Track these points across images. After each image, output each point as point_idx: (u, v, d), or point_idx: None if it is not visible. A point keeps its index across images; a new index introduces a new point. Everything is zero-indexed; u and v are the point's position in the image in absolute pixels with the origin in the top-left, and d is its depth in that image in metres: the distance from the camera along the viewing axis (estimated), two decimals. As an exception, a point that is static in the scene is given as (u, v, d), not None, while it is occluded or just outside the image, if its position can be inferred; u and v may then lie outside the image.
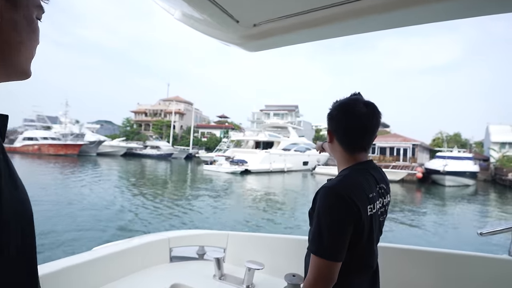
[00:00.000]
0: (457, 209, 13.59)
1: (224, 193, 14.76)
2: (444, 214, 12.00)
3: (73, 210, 8.74)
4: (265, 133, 30.68)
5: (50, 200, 9.81)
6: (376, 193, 0.88)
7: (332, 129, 0.95)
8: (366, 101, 0.90)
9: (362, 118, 0.88)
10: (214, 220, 8.55)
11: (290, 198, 14.19)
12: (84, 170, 21.21)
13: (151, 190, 13.25)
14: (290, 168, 30.52)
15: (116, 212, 8.71)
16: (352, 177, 0.86)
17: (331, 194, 0.80)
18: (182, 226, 7.76)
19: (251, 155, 27.62)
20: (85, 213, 8.44)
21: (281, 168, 29.22)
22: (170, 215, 8.93)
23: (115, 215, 8.47)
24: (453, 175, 22.01)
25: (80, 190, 12.26)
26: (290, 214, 10.20)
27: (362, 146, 0.93)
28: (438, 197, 18.00)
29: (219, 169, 25.61)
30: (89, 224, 7.42)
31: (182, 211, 9.44)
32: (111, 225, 7.42)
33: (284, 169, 29.42)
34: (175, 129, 60.07)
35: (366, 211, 0.81)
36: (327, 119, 0.96)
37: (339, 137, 0.93)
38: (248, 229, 7.82)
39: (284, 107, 63.10)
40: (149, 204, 10.16)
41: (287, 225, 8.40)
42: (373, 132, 0.91)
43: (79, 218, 7.81)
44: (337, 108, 0.92)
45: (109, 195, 11.44)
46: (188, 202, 11.15)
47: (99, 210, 8.92)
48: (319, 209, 0.80)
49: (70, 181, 15.16)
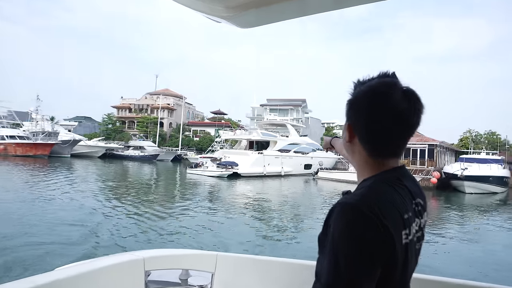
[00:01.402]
0: (478, 220, 13.37)
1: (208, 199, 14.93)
2: (461, 229, 11.68)
3: (35, 221, 8.55)
4: (258, 131, 30.82)
5: (7, 210, 9.76)
6: (412, 212, 0.75)
7: (352, 123, 0.79)
8: (405, 87, 0.75)
9: (399, 112, 0.73)
10: (198, 236, 8.45)
11: (287, 207, 14.21)
12: (54, 173, 21.61)
13: (128, 199, 13.39)
14: (289, 172, 30.64)
15: (85, 225, 8.75)
16: (379, 190, 0.73)
17: (353, 214, 0.66)
18: (162, 243, 7.68)
19: (242, 156, 27.83)
20: (48, 225, 8.35)
21: (278, 172, 29.37)
22: (149, 229, 8.81)
23: (84, 228, 8.41)
24: (474, 180, 21.85)
25: (47, 198, 12.32)
26: (284, 227, 10.09)
27: (394, 150, 0.78)
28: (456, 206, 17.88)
29: (203, 173, 25.88)
30: (53, 237, 7.33)
31: (163, 224, 9.42)
32: (80, 239, 7.44)
33: (281, 173, 29.55)
34: (163, 127, 60.66)
35: (400, 239, 0.69)
36: (346, 108, 0.80)
37: (363, 135, 0.78)
38: (244, 246, 7.70)
39: (289, 101, 63.18)
40: (124, 215, 10.23)
41: (286, 245, 8.13)
42: (412, 132, 0.76)
43: (41, 231, 7.71)
44: (363, 94, 0.76)
45: (80, 204, 11.54)
46: (172, 213, 11.19)
47: (66, 221, 8.90)
48: (336, 233, 0.66)
49: (36, 186, 15.20)
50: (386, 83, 0.75)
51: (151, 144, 49.35)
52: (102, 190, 15.79)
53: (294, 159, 31.69)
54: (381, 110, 0.74)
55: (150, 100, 63.99)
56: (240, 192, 19.12)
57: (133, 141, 49.58)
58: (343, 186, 25.28)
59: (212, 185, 21.01)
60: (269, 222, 10.66)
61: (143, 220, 9.66)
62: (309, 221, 11.50)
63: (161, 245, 7.44)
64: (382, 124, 0.74)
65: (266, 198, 16.41)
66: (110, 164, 35.18)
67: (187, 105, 71.14)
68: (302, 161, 32.90)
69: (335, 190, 22.38)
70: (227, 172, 25.52)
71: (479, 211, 16.46)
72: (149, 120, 58.54)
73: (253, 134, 31.02)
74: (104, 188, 16.79)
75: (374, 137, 0.76)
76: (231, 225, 9.99)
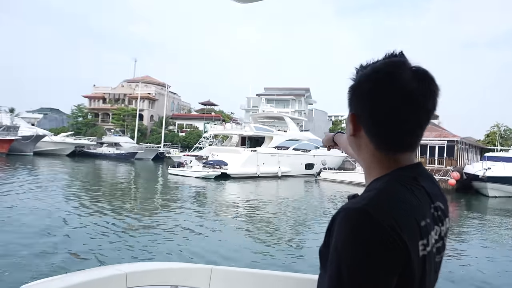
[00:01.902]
0: (502, 230, 13.34)
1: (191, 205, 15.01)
2: (481, 240, 11.60)
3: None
4: (251, 125, 30.93)
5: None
6: (430, 219, 0.73)
7: (357, 113, 0.78)
8: (416, 66, 0.74)
9: (409, 93, 0.71)
10: (181, 247, 8.48)
11: (284, 215, 14.23)
12: (13, 174, 21.63)
13: (102, 204, 13.43)
14: (287, 173, 30.84)
15: (54, 234, 8.72)
16: (391, 192, 0.70)
17: (358, 219, 0.64)
18: (146, 255, 7.68)
19: (232, 154, 27.96)
20: (10, 235, 8.31)
21: (274, 173, 29.55)
22: (127, 237, 8.79)
23: (52, 237, 8.40)
24: (498, 182, 22.09)
25: (5, 203, 12.30)
26: (280, 238, 10.11)
27: (408, 142, 0.76)
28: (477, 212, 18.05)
29: (187, 173, 25.98)
30: (16, 249, 7.30)
31: (141, 233, 9.46)
32: (48, 250, 7.40)
33: (278, 174, 29.71)
34: (143, 120, 60.72)
35: (417, 250, 0.66)
36: (348, 96, 0.80)
37: (369, 126, 0.76)
38: (234, 260, 7.70)
39: (289, 90, 63.33)
40: (98, 223, 10.24)
41: (284, 258, 8.14)
42: (426, 118, 0.74)
43: (1, 242, 7.71)
44: (366, 77, 0.75)
45: (46, 210, 11.51)
46: (151, 221, 11.23)
47: (31, 230, 8.88)
48: (338, 243, 0.65)
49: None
50: (392, 63, 0.74)
51: (129, 141, 49.36)
52: (72, 195, 15.82)
53: (293, 158, 31.85)
54: (388, 92, 0.72)
55: (127, 88, 63.96)
56: (228, 196, 19.24)
57: (107, 137, 49.54)
58: (349, 188, 25.45)
59: (196, 187, 21.10)
60: (263, 233, 10.72)
61: (120, 229, 9.75)
62: (309, 230, 11.61)
63: (142, 257, 7.48)
64: (391, 110, 0.72)
65: (259, 204, 16.50)
66: (80, 164, 35.14)
67: (171, 94, 71.08)
68: (302, 160, 33.07)
69: (339, 193, 22.56)
70: (215, 172, 25.63)
71: (503, 216, 16.63)
72: (126, 112, 58.52)
73: (246, 129, 31.10)
74: (73, 192, 16.82)
75: (382, 126, 0.74)
76: (219, 236, 10.07)
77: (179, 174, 26.52)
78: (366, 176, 0.82)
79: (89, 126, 59.48)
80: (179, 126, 64.11)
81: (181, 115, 66.82)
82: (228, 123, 34.00)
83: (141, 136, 56.87)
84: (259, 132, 30.94)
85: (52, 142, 43.15)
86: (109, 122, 60.39)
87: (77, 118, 61.51)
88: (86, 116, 61.85)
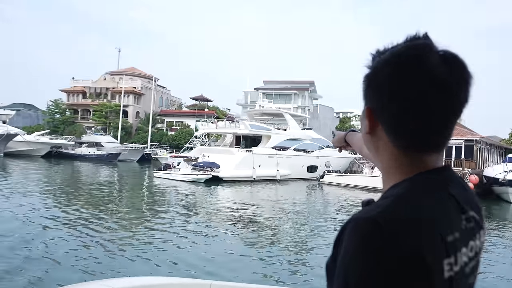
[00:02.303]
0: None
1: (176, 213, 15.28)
2: (503, 248, 11.77)
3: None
4: (246, 123, 31.23)
5: None
6: (461, 233, 0.69)
7: (373, 107, 0.75)
8: (444, 50, 0.70)
9: (438, 81, 0.67)
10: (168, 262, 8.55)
11: (283, 223, 14.41)
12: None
13: (78, 212, 13.59)
14: (287, 176, 31.16)
15: (28, 246, 8.81)
16: (412, 200, 0.67)
17: (369, 229, 0.62)
18: (130, 269, 7.81)
19: (225, 155, 28.26)
20: None
21: (272, 176, 29.84)
22: (114, 249, 8.94)
23: (27, 250, 8.50)
24: (521, 186, 22.30)
25: None
26: (280, 253, 10.11)
27: (435, 140, 0.72)
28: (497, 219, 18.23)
29: (173, 176, 26.27)
30: None
31: (127, 244, 9.65)
32: (21, 266, 7.53)
33: (277, 177, 30.00)
34: (128, 117, 61.18)
35: (440, 270, 0.63)
36: (363, 87, 0.76)
37: (388, 121, 0.73)
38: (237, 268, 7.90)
39: (292, 84, 63.66)
40: (76, 233, 10.40)
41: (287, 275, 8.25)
42: (457, 109, 0.70)
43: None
44: (384, 63, 0.72)
45: (19, 219, 11.70)
46: (137, 229, 11.45)
47: (3, 241, 9.06)
48: (346, 257, 0.63)
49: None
50: (416, 45, 0.70)
51: (111, 140, 49.77)
52: (48, 201, 16.04)
53: (293, 159, 32.16)
54: (410, 79, 0.67)
55: (110, 82, 64.46)
56: (219, 203, 19.42)
57: (87, 136, 49.98)
58: (356, 194, 25.70)
59: (183, 193, 21.38)
60: (258, 244, 10.86)
61: (100, 240, 9.99)
62: (311, 243, 11.62)
63: (127, 271, 7.65)
64: (414, 100, 0.68)
65: (253, 212, 16.70)
66: (56, 166, 35.48)
67: (160, 88, 71.60)
68: (304, 162, 33.38)
69: (345, 199, 22.82)
70: (205, 176, 25.93)
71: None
72: (109, 108, 59.04)
73: (240, 127, 31.41)
74: (45, 198, 16.99)
75: (403, 121, 0.70)
76: (208, 247, 10.24)
77: (164, 178, 26.80)
78: (384, 181, 0.78)
79: (67, 123, 59.95)
80: (168, 124, 64.53)
81: (171, 112, 67.21)
82: (220, 121, 34.26)
83: (125, 135, 57.32)
84: (254, 131, 31.24)
85: (25, 142, 43.50)
86: (90, 120, 60.90)
87: (54, 115, 61.87)
88: (64, 113, 62.36)
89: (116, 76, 64.97)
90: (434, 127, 0.69)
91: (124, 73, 64.36)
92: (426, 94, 0.67)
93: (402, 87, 0.68)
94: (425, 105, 0.67)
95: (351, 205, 21.57)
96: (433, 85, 0.66)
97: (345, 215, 17.31)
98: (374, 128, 0.75)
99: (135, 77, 65.83)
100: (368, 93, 0.74)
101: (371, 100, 0.74)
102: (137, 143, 53.29)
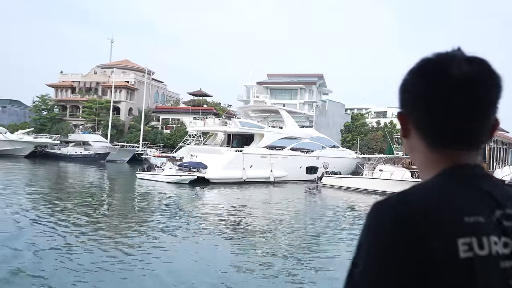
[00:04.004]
0: None
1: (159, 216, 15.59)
2: None
3: None
4: (235, 121, 31.49)
5: None
6: (488, 221, 0.73)
7: (404, 111, 0.86)
8: (470, 57, 0.79)
9: (459, 85, 0.77)
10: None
11: (270, 231, 14.24)
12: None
13: (49, 217, 13.90)
14: (283, 177, 31.51)
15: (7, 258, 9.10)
16: (432, 187, 0.77)
17: (380, 211, 0.73)
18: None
19: (214, 155, 28.56)
20: None
21: (265, 177, 30.13)
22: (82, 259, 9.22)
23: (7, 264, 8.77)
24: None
25: None
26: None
27: (463, 136, 0.80)
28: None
29: (156, 177, 26.69)
30: None
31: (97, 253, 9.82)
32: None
33: (270, 179, 30.22)
34: (120, 114, 61.79)
35: (453, 250, 0.68)
36: (398, 95, 0.88)
37: (415, 123, 0.84)
38: None
39: (298, 77, 63.71)
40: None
41: None
42: (485, 111, 0.79)
43: None
44: (411, 70, 0.84)
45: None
46: (107, 238, 11.51)
47: None
48: (359, 238, 0.74)
49: None
50: (443, 53, 0.81)
51: (100, 139, 50.41)
52: (27, 207, 16.22)
53: (290, 160, 32.39)
54: (432, 84, 0.79)
55: (101, 76, 65.14)
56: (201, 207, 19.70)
57: (74, 135, 50.64)
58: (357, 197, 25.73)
59: (166, 195, 21.87)
60: (240, 257, 10.77)
61: (69, 247, 10.33)
62: (300, 254, 11.27)
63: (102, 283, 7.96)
64: (435, 102, 0.79)
65: (236, 218, 16.80)
66: (39, 167, 36.35)
67: (156, 83, 72.19)
68: (302, 163, 33.60)
69: (344, 203, 22.84)
70: (189, 177, 26.34)
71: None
72: (99, 104, 59.56)
73: (230, 125, 31.66)
74: (15, 203, 17.04)
75: (427, 121, 0.81)
76: (188, 257, 10.40)
77: (147, 179, 27.25)
78: (421, 179, 0.88)
79: (55, 121, 60.63)
80: (164, 121, 65.07)
81: (166, 108, 67.73)
82: (209, 118, 34.56)
83: (117, 133, 57.84)
84: (245, 129, 31.54)
85: (7, 141, 44.38)
86: (79, 117, 61.52)
87: (41, 112, 62.53)
88: (51, 109, 62.97)
89: (108, 70, 65.46)
90: (458, 125, 0.79)
91: (116, 66, 64.97)
92: (447, 96, 0.77)
93: (425, 91, 0.80)
94: (447, 106, 0.78)
95: (350, 209, 21.40)
96: (454, 88, 0.77)
97: (344, 221, 17.09)
98: (407, 132, 0.88)
99: (128, 71, 66.41)
100: (399, 99, 0.88)
101: (402, 105, 0.87)
102: (129, 142, 53.72)
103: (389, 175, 26.92)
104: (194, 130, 35.61)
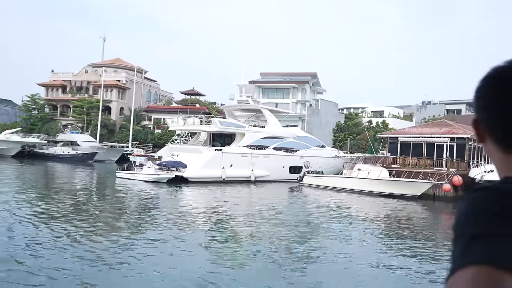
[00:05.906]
0: None
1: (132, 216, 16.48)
2: None
3: None
4: (215, 120, 32.51)
5: None
6: None
7: (479, 117, 0.90)
8: None
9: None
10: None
11: (242, 232, 14.61)
12: None
13: (22, 221, 14.05)
14: (265, 177, 32.54)
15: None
16: (502, 182, 0.81)
17: (477, 192, 0.77)
18: None
19: (194, 154, 29.57)
20: None
21: (246, 176, 31.16)
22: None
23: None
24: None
25: None
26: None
27: None
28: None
29: (135, 176, 27.77)
30: None
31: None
32: None
33: (251, 178, 31.25)
34: (111, 114, 62.98)
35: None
36: (473, 102, 0.92)
37: (490, 128, 0.87)
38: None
39: (291, 76, 64.58)
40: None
41: None
42: None
43: None
44: (481, 79, 0.88)
45: None
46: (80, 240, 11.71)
47: None
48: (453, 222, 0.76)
49: None
50: (508, 61, 0.86)
51: (88, 139, 51.51)
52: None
53: (272, 159, 33.39)
54: (505, 88, 0.83)
55: (92, 75, 66.33)
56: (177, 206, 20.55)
57: (63, 135, 51.72)
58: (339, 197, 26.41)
59: (142, 194, 22.91)
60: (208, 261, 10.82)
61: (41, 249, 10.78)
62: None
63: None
64: (503, 108, 0.83)
65: (207, 216, 17.62)
66: (26, 167, 37.40)
67: (148, 82, 73.37)
68: (285, 162, 34.60)
69: (324, 203, 23.49)
70: (167, 176, 27.37)
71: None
72: (90, 103, 60.66)
73: (211, 124, 32.67)
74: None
75: (497, 127, 0.85)
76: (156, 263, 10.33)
77: (126, 178, 28.32)
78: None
79: (45, 121, 61.78)
80: (156, 121, 66.12)
81: (158, 108, 68.76)
82: (190, 118, 35.59)
83: (108, 133, 58.97)
84: (225, 128, 32.54)
85: (-5, 141, 45.44)
86: (70, 116, 62.70)
87: (31, 111, 63.68)
88: (42, 109, 64.12)
89: (100, 69, 66.71)
90: None
91: (107, 65, 66.18)
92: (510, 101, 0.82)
93: (496, 97, 0.85)
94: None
95: (332, 210, 21.32)
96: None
97: (330, 223, 17.18)
98: (482, 137, 0.90)
99: (120, 70, 67.54)
100: (476, 106, 0.91)
101: (476, 112, 0.91)
102: (120, 142, 54.76)
103: (367, 174, 27.95)
104: (175, 130, 36.63)
